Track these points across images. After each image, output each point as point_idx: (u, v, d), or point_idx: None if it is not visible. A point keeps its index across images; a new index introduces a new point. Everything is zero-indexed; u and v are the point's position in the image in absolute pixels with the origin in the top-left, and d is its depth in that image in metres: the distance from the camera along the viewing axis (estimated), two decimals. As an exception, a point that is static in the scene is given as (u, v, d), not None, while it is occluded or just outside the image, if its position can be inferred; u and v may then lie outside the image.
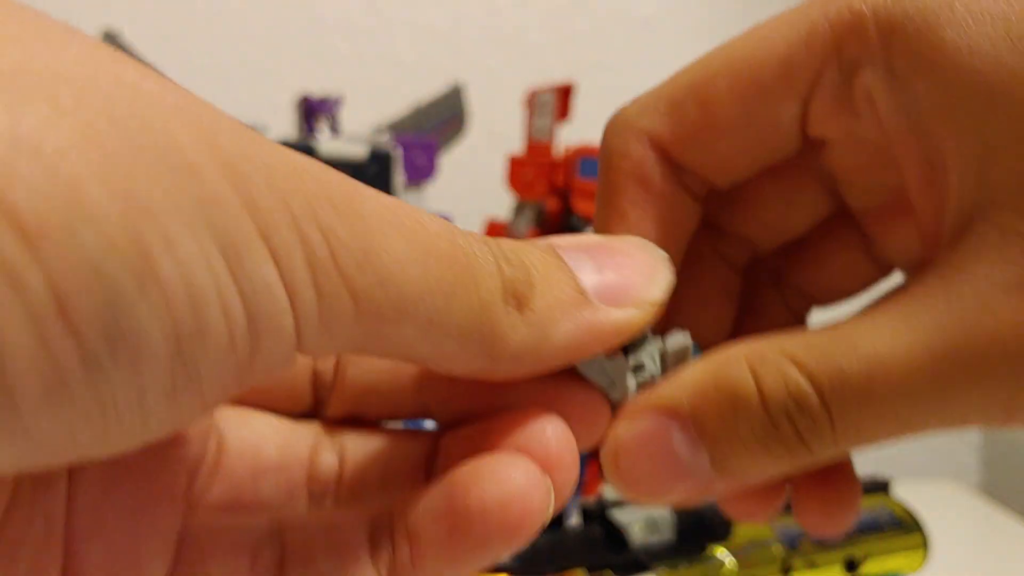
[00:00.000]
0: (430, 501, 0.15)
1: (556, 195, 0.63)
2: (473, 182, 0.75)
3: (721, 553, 0.28)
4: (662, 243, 0.18)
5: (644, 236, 0.18)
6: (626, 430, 0.17)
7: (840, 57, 0.16)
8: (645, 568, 0.27)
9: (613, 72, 0.82)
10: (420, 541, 0.15)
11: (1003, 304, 0.14)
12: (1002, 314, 0.14)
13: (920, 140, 0.16)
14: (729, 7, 0.84)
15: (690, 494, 0.17)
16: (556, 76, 0.66)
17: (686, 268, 0.19)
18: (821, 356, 0.15)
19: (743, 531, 0.29)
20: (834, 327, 0.16)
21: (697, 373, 0.16)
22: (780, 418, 0.15)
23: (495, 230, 0.63)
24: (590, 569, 0.26)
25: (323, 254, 0.12)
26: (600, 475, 0.69)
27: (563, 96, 0.63)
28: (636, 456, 0.16)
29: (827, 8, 0.16)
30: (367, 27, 0.79)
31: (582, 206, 0.61)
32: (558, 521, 0.28)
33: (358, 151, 0.57)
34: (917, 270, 0.17)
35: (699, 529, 0.28)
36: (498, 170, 0.64)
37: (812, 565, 0.29)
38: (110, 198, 0.10)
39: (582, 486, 0.65)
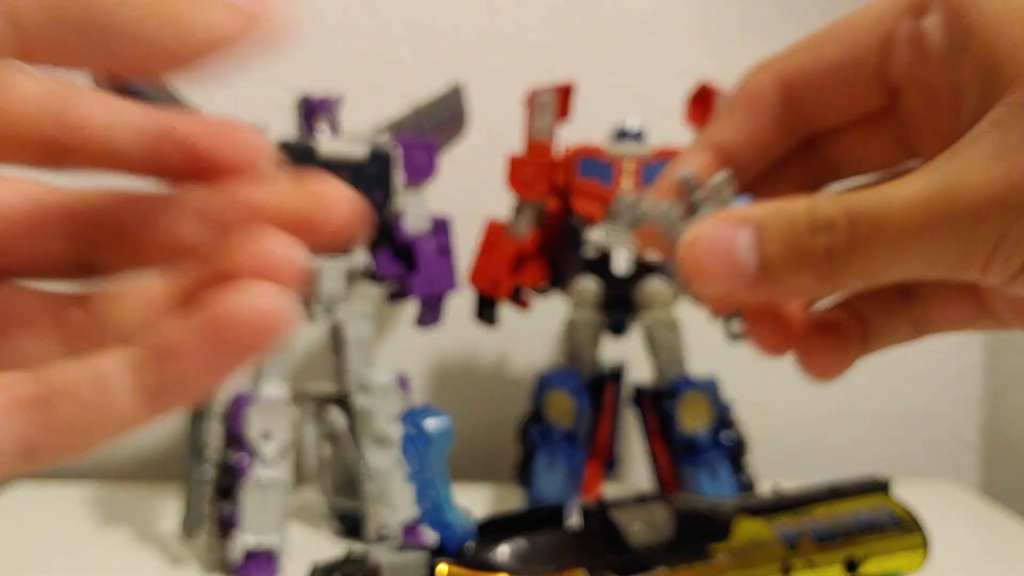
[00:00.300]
0: (189, 320, 0.16)
1: (556, 195, 0.63)
2: (473, 182, 0.75)
3: (721, 552, 0.28)
4: (742, 146, 0.24)
5: (729, 133, 0.24)
6: (707, 227, 0.21)
7: (913, 7, 0.21)
8: (645, 568, 0.27)
9: (613, 72, 0.82)
10: (178, 351, 0.16)
11: (985, 167, 0.19)
12: (982, 174, 0.19)
13: (950, 71, 0.21)
14: (729, 7, 0.84)
15: (735, 290, 0.21)
16: (556, 76, 0.66)
17: (771, 181, 0.25)
18: (854, 198, 0.20)
19: (743, 530, 0.29)
20: (875, 185, 0.20)
21: (770, 204, 0.21)
22: (817, 235, 0.20)
23: (495, 230, 0.63)
24: (590, 569, 0.26)
25: None
26: (600, 476, 0.69)
27: (563, 96, 0.63)
28: (708, 246, 0.21)
29: None
30: (367, 27, 0.79)
31: (582, 206, 0.61)
32: (558, 521, 0.28)
33: (358, 151, 0.57)
34: None
35: (699, 529, 0.28)
36: (498, 170, 0.64)
37: (812, 565, 0.28)
38: None
39: (582, 486, 0.65)
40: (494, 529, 0.27)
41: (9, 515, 0.64)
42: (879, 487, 0.32)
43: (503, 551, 0.26)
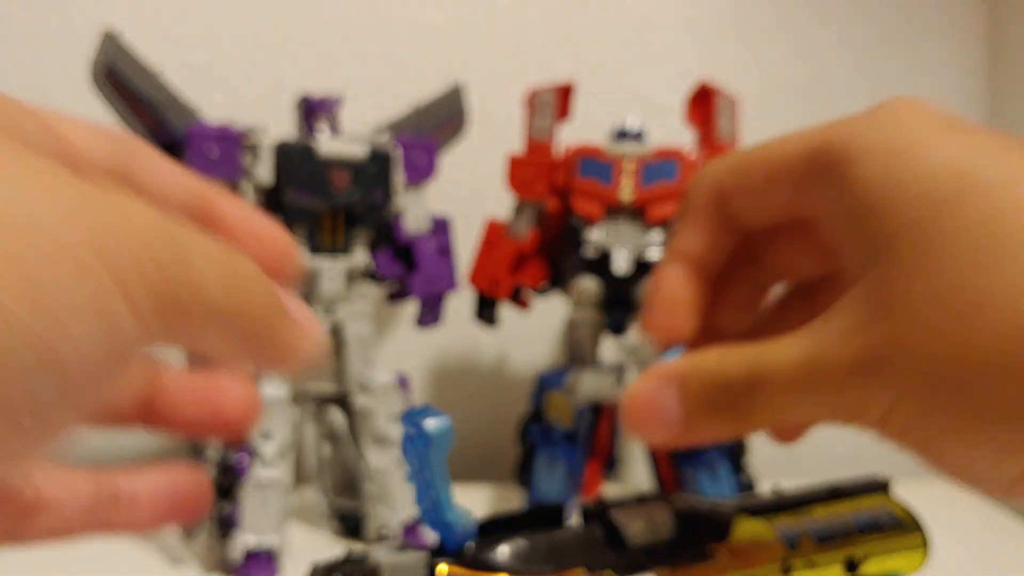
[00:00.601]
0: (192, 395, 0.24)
1: (556, 195, 0.63)
2: (473, 182, 0.75)
3: (721, 552, 0.28)
4: (702, 252, 0.28)
5: (694, 241, 0.28)
6: (639, 386, 0.25)
7: (814, 169, 0.25)
8: (645, 568, 0.27)
9: (613, 72, 0.82)
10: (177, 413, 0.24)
11: (843, 342, 0.22)
12: (841, 348, 0.22)
13: (836, 233, 0.24)
14: (729, 7, 0.84)
15: (667, 438, 0.25)
16: (556, 76, 0.66)
17: (723, 281, 0.29)
18: (753, 357, 0.23)
19: (743, 530, 0.29)
20: (771, 342, 0.24)
21: (688, 359, 0.25)
22: (721, 389, 0.24)
23: (495, 230, 0.63)
24: (590, 569, 0.26)
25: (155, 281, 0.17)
26: (600, 476, 0.69)
27: (563, 96, 0.63)
28: (638, 402, 0.25)
29: (821, 135, 0.25)
30: (367, 27, 0.79)
31: (582, 206, 0.61)
32: (558, 521, 0.28)
33: (358, 151, 0.57)
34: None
35: (699, 529, 0.28)
36: (498, 170, 0.64)
37: (812, 565, 0.28)
38: (23, 307, 0.15)
39: (582, 486, 0.65)
40: (494, 529, 0.27)
41: (9, 515, 0.64)
42: (879, 487, 0.31)
43: (503, 551, 0.26)
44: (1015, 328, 0.20)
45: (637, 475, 0.77)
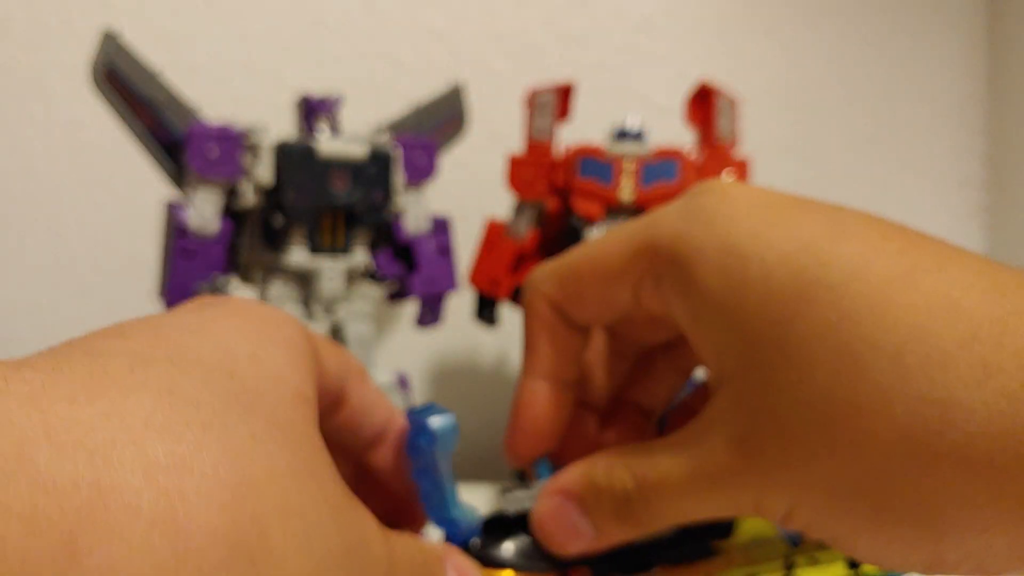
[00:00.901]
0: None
1: (556, 195, 0.63)
2: (473, 182, 0.75)
3: (725, 549, 0.28)
4: (559, 358, 0.28)
5: (547, 357, 0.28)
6: (543, 504, 0.26)
7: (651, 271, 0.25)
8: (650, 565, 0.27)
9: (613, 72, 0.82)
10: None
11: (727, 453, 0.22)
12: (726, 461, 0.23)
13: (689, 333, 0.25)
14: (728, 8, 0.84)
15: (583, 548, 0.26)
16: (556, 76, 0.66)
17: (590, 361, 0.30)
18: (639, 467, 0.24)
19: (746, 528, 0.29)
20: (650, 448, 0.25)
21: (577, 472, 0.26)
22: (619, 502, 0.25)
23: (495, 230, 0.63)
24: (595, 566, 0.27)
25: None
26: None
27: (563, 96, 0.63)
28: (548, 521, 0.26)
29: (645, 234, 0.25)
30: (367, 27, 0.79)
31: (582, 206, 0.61)
32: None
33: (358, 151, 0.57)
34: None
35: (702, 526, 0.28)
36: (498, 170, 0.64)
37: (815, 562, 0.29)
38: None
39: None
40: (499, 526, 0.27)
41: (9, 515, 0.64)
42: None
43: (507, 548, 0.26)
44: (892, 434, 0.20)
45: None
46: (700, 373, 0.29)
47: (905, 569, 0.22)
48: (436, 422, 0.26)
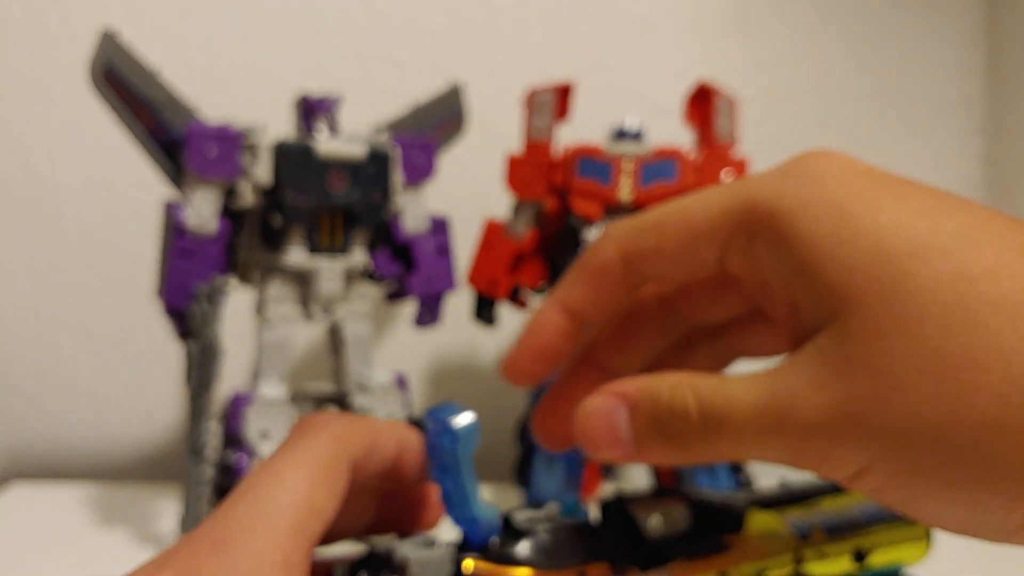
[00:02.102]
0: None
1: (555, 195, 0.63)
2: (472, 182, 0.75)
3: (736, 544, 0.28)
4: (593, 297, 0.27)
5: (580, 292, 0.28)
6: (593, 400, 0.25)
7: (744, 228, 0.25)
8: (664, 560, 0.27)
9: (613, 72, 0.82)
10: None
11: (810, 392, 0.22)
12: (807, 399, 0.22)
13: (783, 288, 0.24)
14: (728, 8, 0.84)
15: (618, 457, 0.25)
16: (556, 76, 0.66)
17: (628, 324, 0.30)
18: (707, 390, 0.24)
19: (755, 523, 0.29)
20: (724, 379, 0.24)
21: (641, 380, 0.25)
22: (673, 419, 0.24)
23: (494, 230, 0.63)
24: (612, 562, 0.27)
25: None
26: (599, 476, 0.69)
27: (562, 96, 0.63)
28: (593, 418, 0.25)
29: (738, 193, 0.25)
30: (366, 27, 0.79)
31: (581, 206, 0.61)
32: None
33: (357, 151, 0.57)
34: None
35: (713, 521, 0.28)
36: (497, 170, 0.64)
37: (823, 556, 0.29)
38: None
39: (581, 486, 0.65)
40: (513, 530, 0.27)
41: (9, 515, 0.64)
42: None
43: (525, 546, 0.26)
44: (1009, 386, 0.20)
45: (636, 475, 0.77)
46: (739, 367, 0.29)
47: (988, 534, 0.22)
48: (459, 422, 0.26)
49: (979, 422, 0.20)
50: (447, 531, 0.27)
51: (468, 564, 0.25)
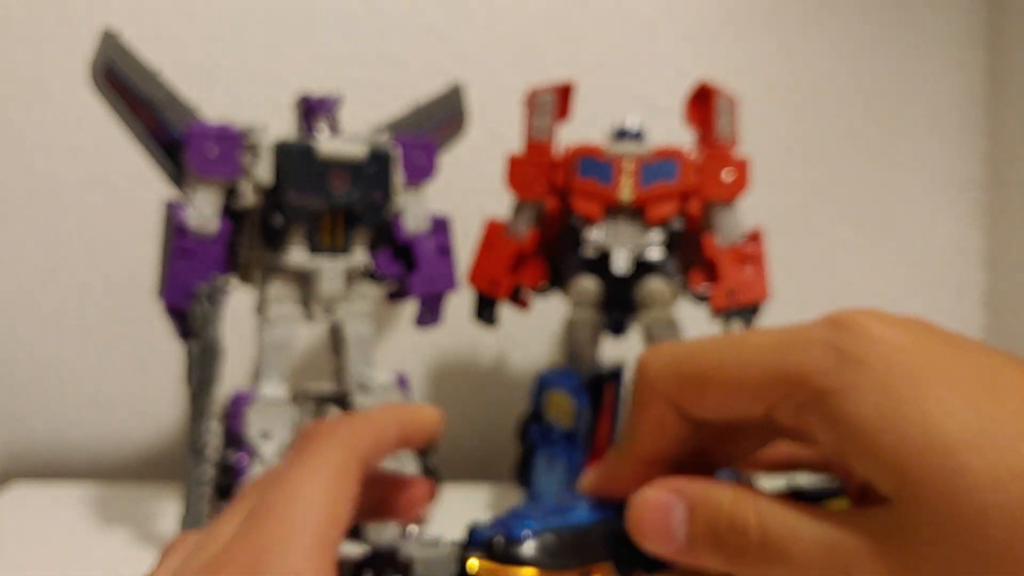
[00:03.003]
0: None
1: (555, 194, 0.63)
2: (473, 182, 0.75)
3: None
4: (663, 444, 0.27)
5: (652, 448, 0.28)
6: (652, 492, 0.26)
7: (791, 399, 0.24)
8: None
9: (613, 72, 0.82)
10: None
11: (870, 561, 0.22)
12: (863, 553, 0.22)
13: (837, 454, 0.24)
14: (728, 8, 0.84)
15: (670, 554, 0.25)
16: (556, 76, 0.66)
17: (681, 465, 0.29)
18: (770, 516, 0.24)
19: None
20: (785, 505, 0.24)
21: (703, 485, 0.25)
22: (732, 533, 0.24)
23: (495, 230, 0.63)
24: (616, 562, 0.27)
25: None
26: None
27: (563, 96, 0.63)
28: (650, 510, 0.26)
29: (786, 362, 0.24)
30: (367, 27, 0.79)
31: (581, 206, 0.61)
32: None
33: (357, 151, 0.56)
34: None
35: None
36: (498, 170, 0.64)
37: None
38: None
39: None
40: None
41: (9, 515, 0.64)
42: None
43: (530, 545, 0.26)
44: None
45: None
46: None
47: None
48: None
49: None
50: (452, 530, 0.27)
51: (473, 563, 0.25)
